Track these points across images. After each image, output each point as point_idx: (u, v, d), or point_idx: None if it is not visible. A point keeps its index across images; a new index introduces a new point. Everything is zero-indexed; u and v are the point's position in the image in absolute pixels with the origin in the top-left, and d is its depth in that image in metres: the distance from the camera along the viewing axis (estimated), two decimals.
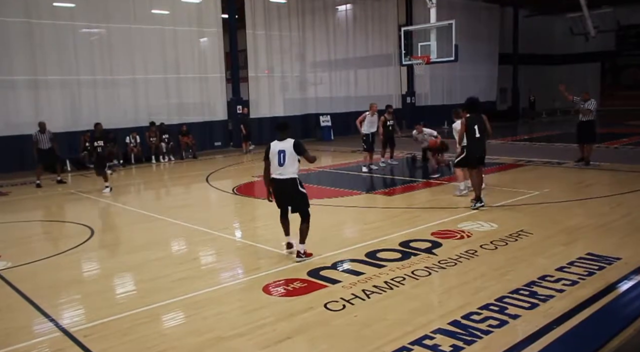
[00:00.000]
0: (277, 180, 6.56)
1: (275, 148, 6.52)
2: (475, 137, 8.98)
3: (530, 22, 35.26)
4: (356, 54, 26.20)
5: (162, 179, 15.71)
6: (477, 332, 4.46)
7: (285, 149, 6.46)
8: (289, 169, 6.45)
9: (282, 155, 6.44)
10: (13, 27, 16.27)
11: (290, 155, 6.44)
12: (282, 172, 6.47)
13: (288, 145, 6.47)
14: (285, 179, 6.48)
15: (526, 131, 26.13)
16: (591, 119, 13.00)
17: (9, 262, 7.10)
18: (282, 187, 6.58)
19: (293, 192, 6.56)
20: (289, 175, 6.46)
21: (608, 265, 5.99)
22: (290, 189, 6.53)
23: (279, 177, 6.52)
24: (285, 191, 6.59)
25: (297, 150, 6.46)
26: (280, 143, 6.53)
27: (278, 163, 6.47)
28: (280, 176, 6.50)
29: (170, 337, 4.67)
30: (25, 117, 16.78)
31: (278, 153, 6.47)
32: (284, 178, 6.48)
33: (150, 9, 19.38)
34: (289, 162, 6.44)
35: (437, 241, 7.20)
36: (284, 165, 6.45)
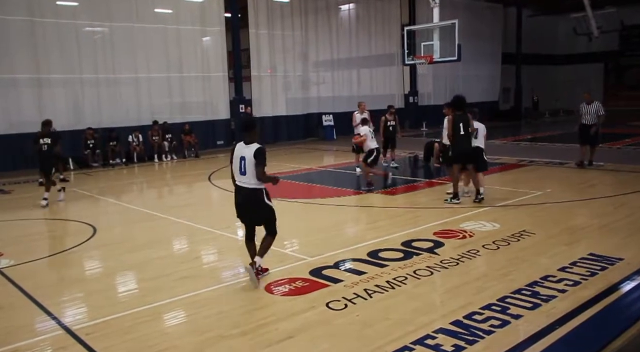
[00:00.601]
0: (240, 188, 5.71)
1: (238, 153, 5.66)
2: (460, 134, 9.17)
3: (534, 22, 35.19)
4: (359, 53, 26.20)
5: (164, 177, 15.73)
6: (479, 332, 4.45)
7: (246, 156, 5.54)
8: (252, 179, 5.57)
9: (243, 163, 5.56)
10: (16, 25, 16.30)
11: (250, 164, 5.52)
12: (245, 181, 5.62)
13: (249, 153, 5.52)
14: (249, 188, 5.62)
15: (529, 131, 26.08)
16: (594, 122, 12.64)
17: (11, 260, 7.11)
18: (245, 198, 5.70)
19: (257, 206, 5.70)
20: (253, 185, 5.60)
21: (610, 265, 5.98)
22: (254, 202, 5.68)
23: (242, 185, 5.67)
24: (247, 203, 5.72)
25: (256, 160, 5.50)
26: (244, 147, 5.62)
27: (239, 171, 5.64)
28: (243, 184, 5.66)
29: (172, 336, 4.68)
30: (28, 115, 16.80)
31: (239, 160, 5.61)
32: (248, 187, 5.63)
33: (153, 8, 19.40)
34: (250, 171, 5.54)
35: (439, 241, 7.20)
36: (245, 175, 5.58)
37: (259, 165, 5.48)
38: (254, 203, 5.68)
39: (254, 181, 5.56)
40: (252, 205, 5.70)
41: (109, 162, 17.14)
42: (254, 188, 5.60)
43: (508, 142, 20.57)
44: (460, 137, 9.19)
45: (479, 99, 31.35)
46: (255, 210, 5.74)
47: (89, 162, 16.84)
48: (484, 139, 9.73)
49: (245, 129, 5.75)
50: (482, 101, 31.85)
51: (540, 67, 37.14)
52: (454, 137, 9.22)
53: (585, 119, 12.89)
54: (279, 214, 5.84)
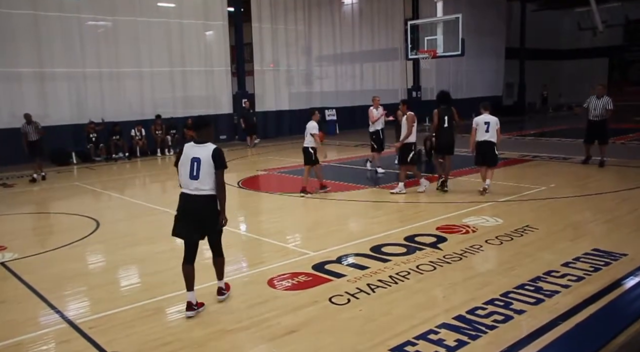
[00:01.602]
0: (187, 196, 4.87)
1: (189, 154, 4.86)
2: (444, 127, 9.99)
3: (537, 17, 35.02)
4: (362, 47, 26.13)
5: (167, 172, 15.71)
6: (482, 327, 4.45)
7: (201, 158, 4.80)
8: (206, 184, 4.81)
9: (197, 165, 4.79)
10: (19, 19, 16.29)
11: (206, 166, 4.79)
12: (197, 186, 4.82)
13: (205, 153, 4.81)
14: (201, 195, 4.82)
15: (532, 126, 25.99)
16: (604, 118, 12.28)
17: (15, 253, 7.13)
18: (192, 206, 4.86)
19: (207, 213, 4.88)
20: (208, 191, 4.83)
21: (614, 261, 5.96)
22: (204, 209, 4.86)
23: (191, 193, 4.84)
24: (195, 212, 4.87)
25: (215, 162, 4.80)
26: (196, 147, 4.87)
27: (190, 175, 4.81)
28: (193, 191, 4.84)
29: (175, 330, 4.68)
30: (31, 109, 16.73)
31: (191, 161, 4.82)
32: (201, 195, 4.82)
33: (156, 2, 19.39)
34: (204, 175, 4.79)
35: (442, 236, 7.19)
36: (198, 179, 4.79)
37: (219, 168, 4.81)
38: (207, 212, 4.87)
39: (208, 187, 4.81)
40: (204, 214, 4.88)
41: (111, 156, 17.16)
42: (208, 194, 4.82)
43: (512, 137, 20.50)
44: (444, 129, 10.00)
45: (482, 93, 31.27)
46: (207, 221, 4.92)
47: (92, 156, 16.86)
48: (496, 132, 9.78)
49: (197, 127, 5.05)
50: (486, 96, 31.76)
51: (544, 62, 37.00)
52: (439, 129, 10.02)
53: (592, 115, 12.42)
54: (281, 209, 5.76)
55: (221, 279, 5.30)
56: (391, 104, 26.64)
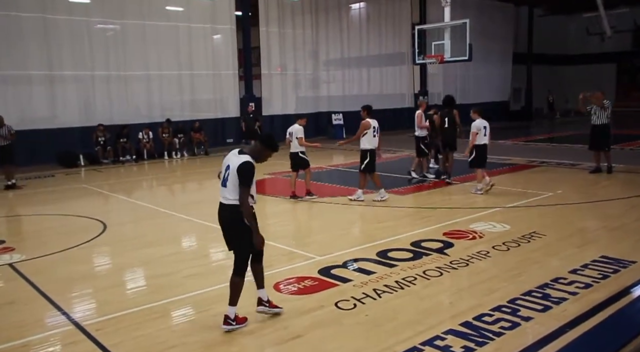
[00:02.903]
0: (219, 205, 4.78)
1: (226, 161, 4.73)
2: (445, 127, 11.58)
3: (545, 22, 34.94)
4: (369, 52, 26.13)
5: (174, 175, 15.79)
6: (489, 333, 4.43)
7: (232, 166, 4.61)
8: (231, 194, 4.62)
9: (227, 174, 4.66)
10: (29, 22, 16.40)
11: (232, 177, 4.59)
12: (224, 195, 4.68)
13: (235, 163, 4.59)
14: (226, 205, 4.68)
15: (540, 132, 25.90)
16: (605, 123, 12.06)
17: (22, 255, 7.17)
18: (219, 214, 4.78)
19: (229, 224, 4.71)
20: (231, 201, 4.64)
21: (623, 268, 5.92)
22: (227, 219, 4.71)
23: (220, 200, 4.75)
24: (221, 220, 4.78)
25: (239, 176, 4.54)
26: (234, 156, 4.68)
27: (222, 182, 4.72)
28: (221, 199, 4.74)
29: (181, 333, 4.69)
30: (40, 112, 16.96)
31: (225, 168, 4.71)
32: (224, 203, 4.71)
33: (165, 6, 19.47)
34: (230, 185, 4.62)
35: (449, 241, 7.17)
36: (226, 187, 4.65)
37: (240, 185, 4.54)
38: (229, 222, 4.70)
39: (232, 197, 4.60)
40: (226, 224, 4.73)
41: (119, 159, 17.23)
42: (232, 204, 4.62)
43: (519, 143, 20.45)
44: (446, 129, 11.59)
45: (489, 98, 31.19)
46: (229, 231, 4.73)
47: (100, 159, 16.94)
48: (483, 137, 10.33)
49: (258, 139, 4.88)
50: (493, 101, 31.70)
51: (552, 68, 36.89)
52: (441, 129, 11.73)
53: (593, 119, 12.21)
54: (287, 212, 5.69)
55: (230, 305, 4.71)
56: (398, 108, 26.88)
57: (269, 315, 4.91)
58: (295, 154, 10.35)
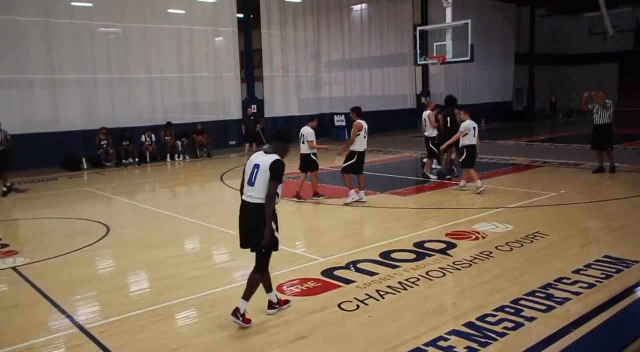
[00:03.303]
0: (243, 202, 4.83)
1: (254, 159, 4.83)
2: (447, 126, 12.01)
3: (547, 22, 34.89)
4: (371, 53, 26.13)
5: (176, 177, 15.81)
6: (492, 334, 4.43)
7: (261, 165, 4.70)
8: (260, 192, 4.67)
9: (255, 172, 4.72)
10: (31, 26, 16.44)
11: (263, 174, 4.67)
12: (251, 193, 4.73)
13: (266, 162, 4.69)
14: (254, 203, 4.71)
15: (542, 132, 25.86)
16: (607, 122, 12.01)
17: (26, 258, 7.19)
18: (244, 213, 4.81)
19: (255, 223, 4.70)
20: (259, 200, 4.69)
21: (626, 268, 5.91)
22: (253, 218, 4.72)
23: (245, 199, 4.79)
24: (245, 218, 4.80)
25: (271, 172, 4.64)
26: (262, 156, 4.80)
27: (248, 181, 4.76)
28: (248, 198, 4.77)
29: (184, 335, 4.69)
30: (43, 115, 17.00)
31: (252, 168, 4.77)
32: (252, 202, 4.73)
33: (166, 9, 19.49)
34: (259, 183, 4.68)
35: (451, 242, 7.16)
36: (254, 186, 4.71)
37: (272, 179, 4.63)
38: (255, 221, 4.70)
39: (261, 195, 4.66)
40: (252, 223, 4.73)
41: (121, 162, 17.26)
42: (260, 203, 4.67)
43: (522, 143, 20.43)
44: (448, 128, 11.90)
45: (491, 99, 31.18)
46: (254, 230, 4.72)
47: (102, 162, 16.97)
48: (472, 137, 10.52)
49: (274, 137, 4.99)
50: (495, 101, 31.67)
51: (554, 68, 36.82)
52: (444, 128, 12.09)
53: (595, 119, 12.16)
54: (289, 214, 5.70)
55: (243, 298, 4.77)
56: (400, 109, 26.89)
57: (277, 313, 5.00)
58: (307, 155, 10.30)
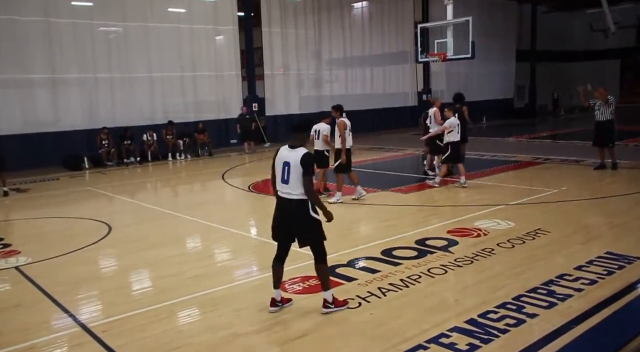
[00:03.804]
0: (280, 198, 4.94)
1: (282, 157, 4.88)
2: None
3: (549, 19, 34.81)
4: (372, 51, 26.11)
5: (178, 176, 15.82)
6: (494, 330, 4.43)
7: (291, 162, 4.77)
8: (296, 189, 4.77)
9: (287, 170, 4.79)
10: (32, 26, 16.46)
11: (295, 170, 4.74)
12: (287, 191, 4.83)
13: (295, 158, 4.76)
14: (291, 199, 4.82)
15: (544, 129, 25.83)
16: (609, 119, 11.92)
17: (28, 258, 7.20)
18: (285, 210, 4.90)
19: (299, 219, 4.84)
20: (297, 196, 4.79)
21: (628, 264, 5.90)
22: (295, 214, 4.83)
23: (284, 196, 4.90)
24: (288, 216, 4.90)
25: (303, 168, 4.71)
26: (288, 151, 4.85)
27: (282, 179, 4.84)
28: (284, 194, 4.88)
29: (187, 334, 4.70)
30: (44, 115, 17.02)
31: (283, 165, 4.84)
32: (290, 198, 4.84)
33: (167, 7, 19.50)
34: (294, 180, 4.76)
35: (453, 239, 7.16)
36: (288, 183, 4.80)
37: (305, 174, 4.71)
38: (296, 217, 4.83)
39: (298, 191, 4.75)
40: (294, 219, 4.86)
41: (123, 161, 17.28)
42: (298, 199, 4.78)
43: (524, 140, 20.40)
44: None
45: (493, 96, 31.15)
46: (297, 225, 4.87)
47: (104, 161, 16.99)
48: (457, 134, 10.85)
49: (294, 130, 4.99)
50: (497, 99, 31.63)
51: (556, 64, 36.74)
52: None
53: (597, 116, 12.08)
54: None
55: (325, 290, 4.94)
56: (401, 107, 26.86)
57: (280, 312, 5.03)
58: (322, 152, 10.24)
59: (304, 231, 4.89)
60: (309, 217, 4.84)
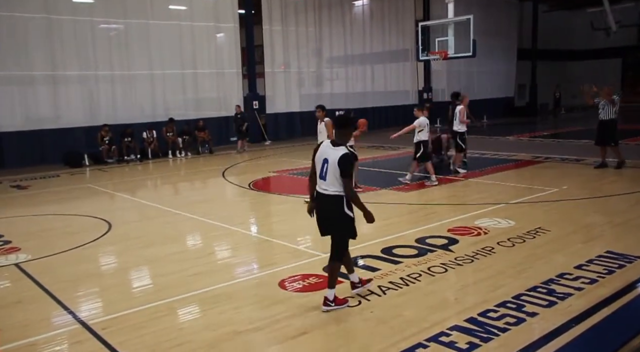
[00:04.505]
0: (317, 193, 4.97)
1: (322, 153, 4.88)
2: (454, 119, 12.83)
3: (550, 17, 34.77)
4: (373, 49, 26.09)
5: (178, 174, 15.81)
6: (494, 329, 4.43)
7: (330, 160, 4.76)
8: (331, 185, 4.80)
9: (325, 167, 4.81)
10: (33, 23, 16.47)
11: (332, 169, 4.74)
12: (324, 187, 4.86)
13: (334, 157, 4.72)
14: (327, 195, 4.85)
15: (545, 127, 25.80)
16: (613, 118, 11.90)
17: (28, 255, 7.21)
18: (319, 204, 4.97)
19: (333, 214, 4.88)
20: (332, 192, 4.82)
21: (628, 263, 5.90)
22: (328, 209, 4.89)
23: (321, 191, 4.91)
24: (320, 209, 4.98)
25: (340, 168, 4.68)
26: (330, 148, 4.83)
27: (320, 174, 4.88)
28: (321, 190, 4.91)
29: (187, 331, 4.70)
30: (45, 112, 17.03)
31: (322, 161, 4.85)
32: (324, 194, 4.87)
33: (168, 5, 19.50)
34: (331, 177, 4.78)
35: (453, 238, 7.16)
36: (326, 180, 4.83)
37: (344, 177, 4.70)
38: (329, 212, 4.88)
39: (333, 188, 4.79)
40: (327, 214, 4.92)
41: (123, 159, 17.27)
42: (333, 195, 4.80)
43: (524, 139, 20.38)
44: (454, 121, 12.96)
45: (494, 95, 31.13)
46: (329, 220, 4.93)
47: (104, 158, 16.99)
48: (427, 133, 11.05)
49: (338, 126, 5.01)
50: (498, 97, 31.61)
51: (557, 63, 36.70)
52: (452, 121, 12.93)
53: (600, 115, 12.09)
54: (292, 210, 5.70)
55: (329, 288, 4.96)
56: (402, 105, 26.84)
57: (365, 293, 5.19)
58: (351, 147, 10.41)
59: (334, 224, 4.95)
60: (343, 213, 4.86)
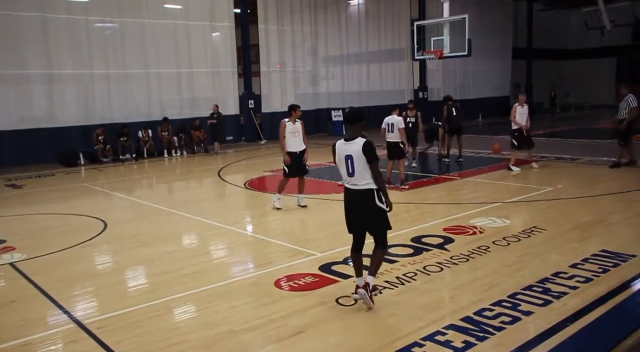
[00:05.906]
0: (347, 190, 5.03)
1: (342, 151, 4.93)
2: (453, 115, 14.08)
3: (545, 16, 34.87)
4: (368, 48, 26.13)
5: (174, 173, 15.79)
6: (490, 328, 4.44)
7: (353, 154, 4.84)
8: (362, 179, 4.86)
9: (350, 162, 4.86)
10: (28, 21, 16.42)
11: (359, 161, 4.82)
12: (354, 182, 4.92)
13: (356, 149, 4.81)
14: (358, 190, 4.92)
15: (540, 127, 25.84)
16: (623, 118, 12.05)
17: (23, 254, 7.18)
18: (353, 201, 5.00)
19: (367, 208, 4.92)
20: (364, 185, 4.88)
21: (623, 262, 5.93)
22: (364, 204, 4.92)
23: (351, 188, 4.99)
24: (356, 206, 4.99)
25: (367, 156, 4.78)
26: (346, 144, 4.90)
27: (347, 172, 4.92)
28: (352, 186, 4.97)
29: (182, 330, 4.70)
30: (40, 111, 16.99)
31: (345, 159, 4.90)
32: (358, 189, 4.93)
33: (163, 4, 19.48)
34: (360, 170, 4.83)
35: (449, 237, 7.17)
36: (355, 176, 4.88)
37: (371, 161, 4.79)
38: (364, 206, 4.93)
39: (364, 182, 4.85)
40: (362, 209, 4.96)
41: (119, 158, 17.23)
42: (365, 189, 4.87)
43: None
44: (453, 117, 14.07)
45: (489, 94, 31.20)
46: (366, 214, 4.97)
47: (100, 158, 16.95)
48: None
49: (348, 121, 5.05)
50: (493, 96, 31.68)
51: (552, 62, 36.81)
52: (449, 117, 14.14)
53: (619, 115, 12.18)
54: (287, 210, 5.70)
55: (371, 275, 5.00)
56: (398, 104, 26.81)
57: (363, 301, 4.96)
58: (396, 143, 10.78)
59: (373, 219, 5.00)
60: (376, 206, 4.91)
